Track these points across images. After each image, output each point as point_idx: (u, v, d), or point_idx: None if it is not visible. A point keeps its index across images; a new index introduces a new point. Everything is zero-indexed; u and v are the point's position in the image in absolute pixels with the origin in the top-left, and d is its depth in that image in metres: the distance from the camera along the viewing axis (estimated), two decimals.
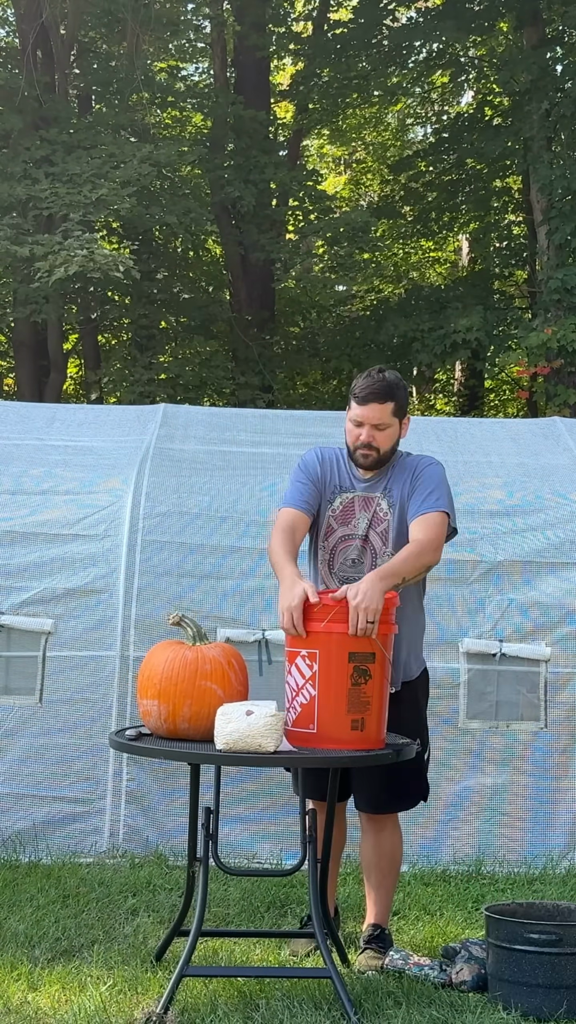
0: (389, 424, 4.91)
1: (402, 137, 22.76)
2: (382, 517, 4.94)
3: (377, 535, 4.94)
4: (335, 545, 4.99)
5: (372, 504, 4.96)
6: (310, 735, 4.51)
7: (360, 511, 4.97)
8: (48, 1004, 4.46)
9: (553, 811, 6.81)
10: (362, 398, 4.88)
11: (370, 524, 4.95)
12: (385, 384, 4.89)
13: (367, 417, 4.88)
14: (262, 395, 16.67)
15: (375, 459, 4.93)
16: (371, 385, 4.88)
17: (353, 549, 4.96)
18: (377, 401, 4.87)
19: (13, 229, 13.83)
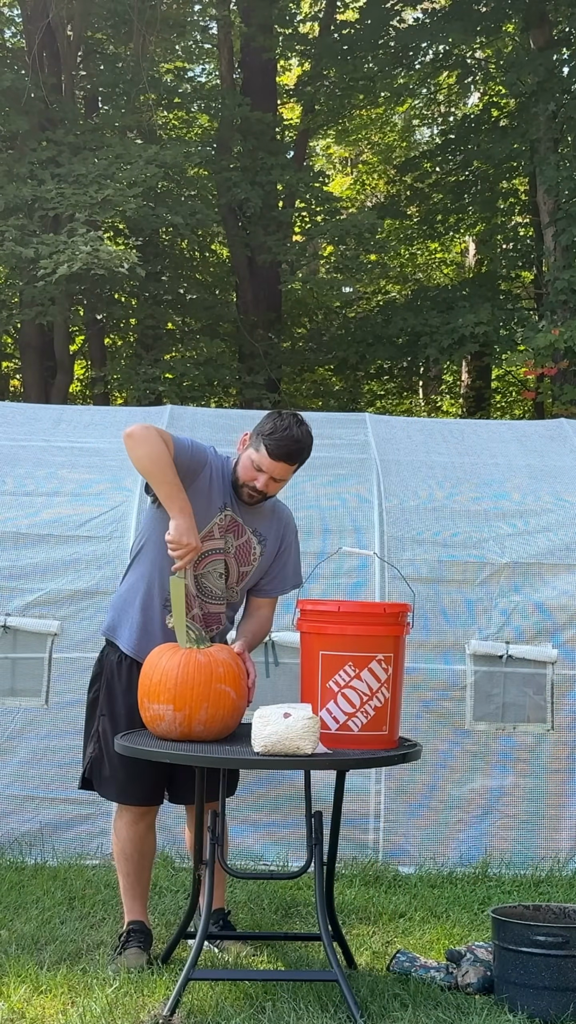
0: (287, 481, 5.01)
1: (408, 138, 22.74)
2: (250, 559, 5.04)
3: (238, 572, 5.04)
4: (206, 554, 4.96)
5: (242, 534, 5.02)
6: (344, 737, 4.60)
7: (228, 532, 4.99)
8: (54, 1006, 4.46)
9: (560, 813, 6.81)
10: (278, 455, 4.89)
11: (236, 552, 5.01)
12: (300, 447, 4.95)
13: (271, 470, 4.91)
14: (269, 395, 16.66)
15: (259, 501, 5.00)
16: (289, 445, 4.90)
17: (220, 563, 5.01)
18: (288, 463, 4.93)
19: (19, 230, 13.82)
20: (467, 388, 20.99)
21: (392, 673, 4.67)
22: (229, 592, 5.06)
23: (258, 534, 5.04)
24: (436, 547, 7.12)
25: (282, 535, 5.10)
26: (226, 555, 5.00)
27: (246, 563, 5.03)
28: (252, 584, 5.11)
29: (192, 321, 18.48)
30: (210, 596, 5.03)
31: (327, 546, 6.97)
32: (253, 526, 5.03)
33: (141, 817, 5.09)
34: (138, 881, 5.13)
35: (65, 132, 15.27)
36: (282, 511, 5.15)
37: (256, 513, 5.05)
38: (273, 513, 5.10)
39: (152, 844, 5.17)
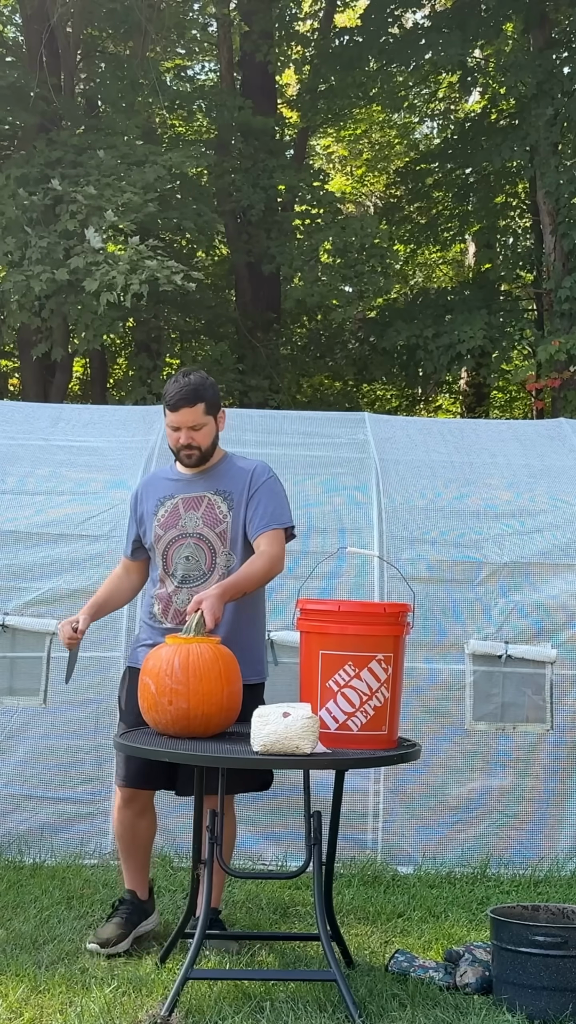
0: (204, 423, 5.16)
1: (408, 136, 22.72)
2: (220, 518, 5.17)
3: (216, 535, 5.15)
4: (166, 548, 5.19)
5: (201, 503, 5.19)
6: (343, 736, 4.61)
7: (187, 511, 5.19)
8: (52, 1006, 4.46)
9: (559, 813, 6.80)
10: (173, 404, 5.13)
11: (203, 522, 5.16)
12: (192, 387, 5.12)
13: (182, 421, 5.13)
14: (273, 396, 16.65)
15: (199, 456, 5.19)
16: (179, 391, 5.12)
17: (186, 547, 5.16)
18: (187, 405, 5.11)
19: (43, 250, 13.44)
20: (466, 387, 20.99)
21: (392, 673, 4.67)
22: (221, 558, 5.13)
23: (221, 492, 5.19)
24: (435, 547, 7.12)
25: (246, 486, 5.19)
26: (191, 537, 5.15)
27: (218, 523, 5.15)
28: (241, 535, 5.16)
29: (192, 321, 18.46)
30: (191, 581, 5.14)
31: (327, 545, 6.97)
32: (215, 487, 5.20)
33: (127, 803, 5.27)
34: (131, 858, 5.37)
35: (69, 133, 15.23)
36: (250, 464, 5.28)
37: (216, 475, 5.22)
38: (239, 469, 5.25)
39: (145, 830, 5.35)
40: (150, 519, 5.25)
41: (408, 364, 17.30)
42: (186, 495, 5.21)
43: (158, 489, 5.30)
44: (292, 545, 7.04)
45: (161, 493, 5.27)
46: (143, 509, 5.31)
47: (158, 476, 5.40)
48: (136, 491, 5.41)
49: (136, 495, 5.38)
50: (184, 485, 5.24)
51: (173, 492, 5.24)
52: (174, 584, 5.16)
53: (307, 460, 7.69)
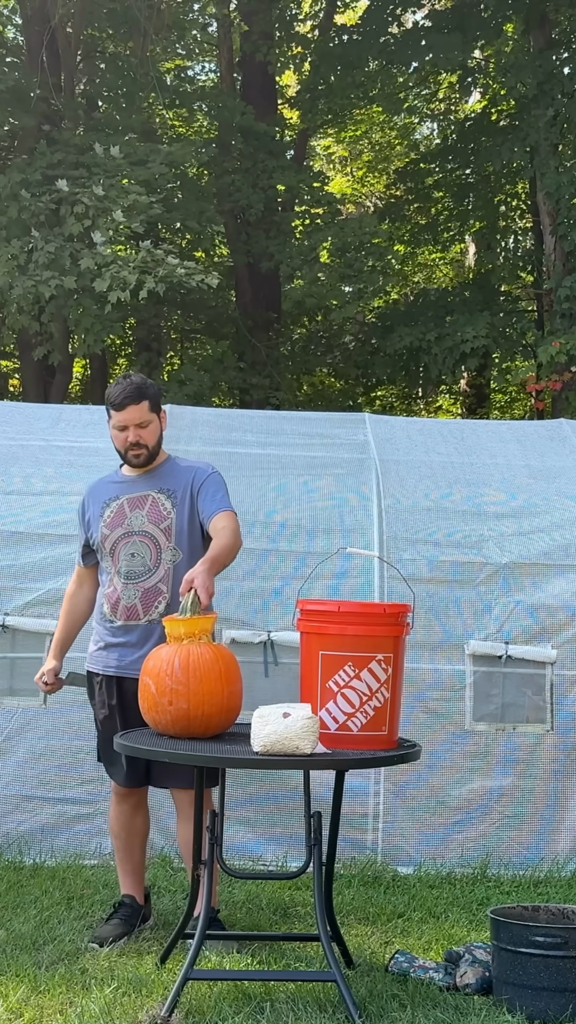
0: (149, 420, 5.34)
1: (408, 137, 22.72)
2: (164, 515, 5.31)
3: (161, 531, 5.30)
4: (113, 546, 5.34)
5: (145, 502, 5.34)
6: (343, 737, 4.61)
7: (132, 511, 5.34)
8: (52, 1006, 4.46)
9: (559, 814, 6.80)
10: (119, 404, 5.30)
11: (148, 519, 5.31)
12: (135, 387, 5.31)
13: (129, 419, 5.31)
14: (273, 394, 16.65)
15: (146, 455, 5.37)
16: (124, 390, 5.30)
17: (132, 544, 5.31)
18: (133, 403, 5.29)
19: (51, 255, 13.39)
20: (467, 387, 20.99)
21: (392, 673, 4.67)
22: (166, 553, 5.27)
23: (164, 490, 5.34)
24: (435, 547, 7.12)
25: (190, 482, 5.33)
26: (136, 535, 5.29)
27: (163, 519, 5.29)
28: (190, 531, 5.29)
29: (192, 320, 18.47)
30: (137, 576, 5.28)
31: (327, 546, 6.97)
32: (158, 486, 5.36)
33: (123, 798, 5.43)
34: (127, 857, 5.48)
35: (70, 133, 15.21)
36: (195, 465, 5.46)
37: (159, 475, 5.39)
38: (183, 469, 5.42)
39: (140, 825, 5.50)
40: (96, 522, 5.39)
41: (410, 367, 17.29)
42: (130, 495, 5.37)
43: (103, 493, 5.46)
44: (292, 546, 7.08)
45: (106, 496, 5.43)
46: (90, 514, 5.45)
47: (103, 481, 5.54)
48: (83, 499, 5.55)
49: (83, 503, 5.53)
50: (128, 486, 5.41)
51: (118, 494, 5.40)
52: (121, 581, 5.30)
53: (307, 461, 7.70)
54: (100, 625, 5.43)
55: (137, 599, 5.28)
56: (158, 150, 14.70)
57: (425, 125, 22.46)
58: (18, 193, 13.68)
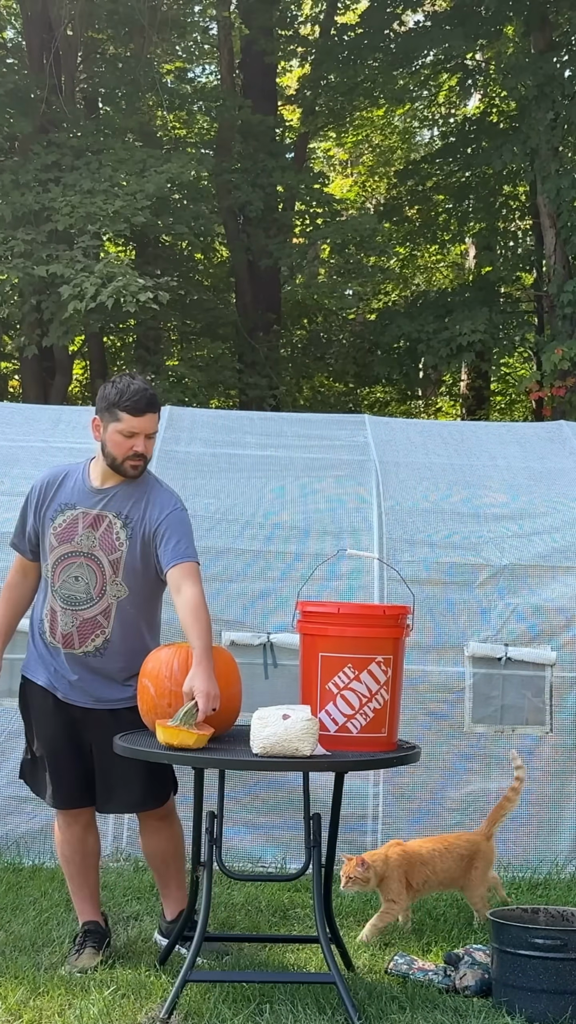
0: (155, 432, 4.93)
1: (408, 140, 22.74)
2: (116, 546, 4.88)
3: (109, 562, 4.89)
4: (57, 562, 4.93)
5: (101, 523, 4.90)
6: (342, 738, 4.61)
7: (84, 528, 4.91)
8: (51, 1008, 4.45)
9: (558, 816, 6.80)
10: (138, 409, 4.84)
11: (99, 544, 4.89)
12: (151, 394, 4.89)
13: (143, 427, 4.86)
14: (272, 392, 16.67)
15: (142, 468, 4.93)
16: (142, 396, 4.85)
17: (77, 567, 4.91)
18: (152, 411, 4.88)
19: (27, 244, 13.61)
20: (466, 389, 21.00)
21: (391, 675, 4.66)
22: (111, 588, 4.90)
23: (122, 516, 4.89)
24: (435, 549, 7.11)
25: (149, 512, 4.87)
26: (84, 556, 4.89)
27: (113, 550, 4.87)
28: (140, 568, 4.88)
29: (192, 322, 18.47)
30: (76, 603, 4.91)
31: (327, 548, 6.96)
32: (118, 509, 4.90)
33: (73, 819, 5.09)
34: (84, 882, 5.15)
35: (68, 135, 15.24)
36: (159, 496, 4.93)
37: (124, 496, 4.91)
38: (148, 498, 4.92)
39: (93, 845, 5.18)
40: (48, 524, 4.96)
41: (408, 363, 17.29)
42: (87, 509, 4.93)
43: (62, 493, 4.98)
44: (291, 547, 7.07)
45: (64, 499, 4.97)
46: (45, 511, 4.98)
47: (68, 476, 5.02)
48: (40, 484, 5.03)
49: (40, 489, 5.02)
50: (88, 497, 4.95)
51: (76, 502, 4.95)
52: (59, 604, 4.93)
53: (307, 462, 7.69)
54: (38, 633, 5.06)
55: (74, 628, 4.91)
56: (157, 155, 14.74)
57: (426, 130, 22.48)
58: (9, 192, 13.82)
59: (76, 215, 13.65)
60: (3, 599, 5.11)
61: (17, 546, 5.09)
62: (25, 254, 13.52)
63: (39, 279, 13.39)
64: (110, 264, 13.26)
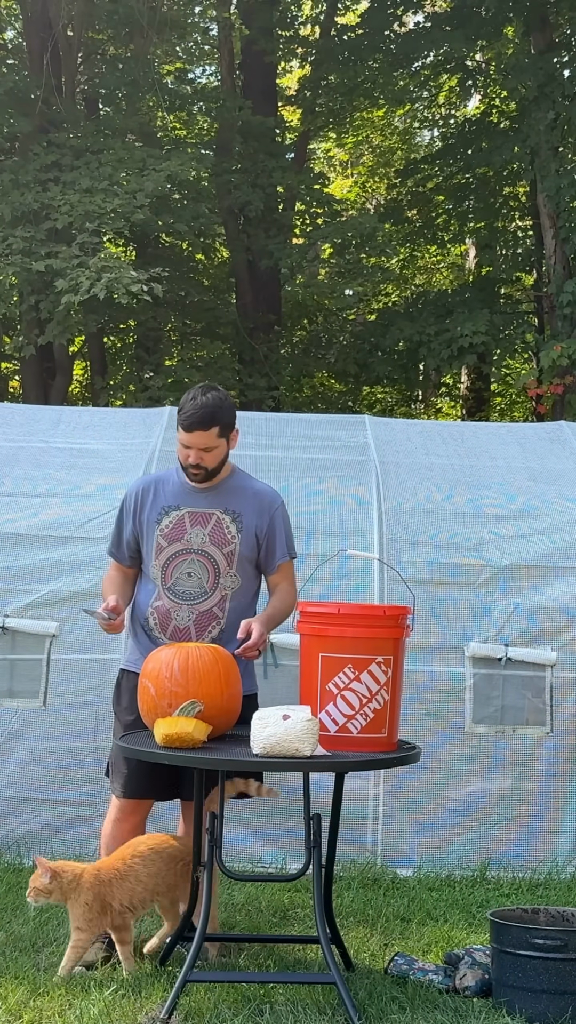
0: (215, 446, 5.04)
1: (409, 141, 22.75)
2: (228, 539, 5.09)
3: (223, 555, 5.08)
4: (168, 561, 5.10)
5: (209, 520, 5.10)
6: (343, 739, 4.60)
7: (192, 526, 5.09)
8: (52, 1008, 4.45)
9: (558, 816, 6.80)
10: (187, 426, 5.00)
11: (210, 539, 5.08)
12: (207, 410, 4.99)
13: (193, 443, 5.02)
14: (271, 392, 16.67)
15: (204, 476, 5.09)
16: (195, 412, 4.99)
17: (189, 563, 5.08)
18: (201, 428, 4.99)
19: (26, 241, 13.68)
20: (467, 390, 21.00)
21: (391, 675, 4.66)
22: (225, 579, 5.07)
23: (230, 512, 5.09)
24: (435, 549, 7.12)
25: (258, 509, 5.12)
26: (195, 553, 5.06)
27: (226, 543, 5.07)
28: (250, 559, 5.12)
29: (192, 323, 18.48)
30: (192, 597, 5.07)
31: (327, 548, 6.97)
32: (224, 505, 5.11)
33: (126, 816, 5.16)
34: None
35: (68, 135, 15.25)
36: (263, 492, 5.19)
37: (225, 492, 5.13)
38: (251, 493, 5.16)
39: None
40: (152, 527, 5.12)
41: (408, 366, 17.30)
42: (193, 509, 5.11)
43: (162, 496, 5.15)
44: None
45: (166, 501, 5.13)
46: (145, 516, 5.14)
47: (162, 481, 5.22)
48: (134, 492, 5.21)
49: (135, 497, 5.19)
50: (191, 497, 5.12)
51: (179, 503, 5.12)
52: (172, 599, 5.07)
53: (307, 463, 7.70)
54: (143, 633, 5.17)
55: (191, 621, 5.05)
56: (157, 155, 14.75)
57: (426, 131, 22.49)
58: (9, 191, 13.86)
59: (75, 213, 13.70)
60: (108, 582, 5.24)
61: (115, 555, 5.27)
62: (24, 252, 13.57)
63: (36, 274, 13.44)
64: (104, 259, 13.30)
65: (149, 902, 4.93)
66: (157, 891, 4.91)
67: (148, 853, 4.92)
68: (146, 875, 4.87)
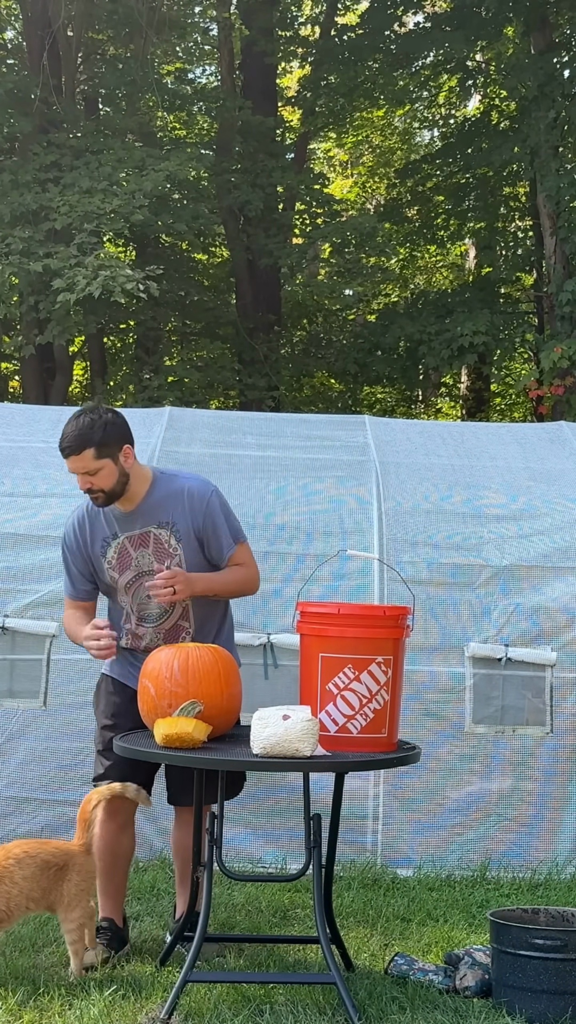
0: (98, 467, 4.93)
1: (409, 141, 22.75)
2: (171, 552, 5.03)
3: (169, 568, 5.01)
4: (125, 589, 5.09)
5: (148, 540, 5.05)
6: (343, 739, 4.60)
7: (136, 550, 5.06)
8: (52, 1008, 4.45)
9: (558, 816, 6.80)
10: (61, 453, 4.97)
11: (155, 558, 5.03)
12: (76, 436, 4.91)
13: (72, 468, 4.97)
14: (270, 392, 16.67)
15: (104, 498, 5.00)
16: (64, 439, 4.94)
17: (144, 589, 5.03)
18: (73, 454, 4.92)
19: (25, 242, 13.71)
20: (467, 390, 21.01)
21: (391, 676, 4.66)
22: None
23: (163, 524, 5.04)
24: (435, 549, 7.12)
25: (189, 508, 5.04)
26: (146, 575, 5.02)
27: (170, 557, 5.03)
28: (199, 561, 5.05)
29: (192, 323, 18.48)
30: (155, 619, 5.09)
31: (327, 548, 6.97)
32: (156, 520, 5.04)
33: (111, 816, 5.14)
34: (110, 880, 5.21)
35: (67, 135, 15.25)
36: (192, 489, 5.09)
37: (153, 507, 5.05)
38: (179, 495, 5.06)
39: (127, 846, 5.26)
40: (99, 561, 5.10)
41: (408, 366, 17.31)
42: (130, 533, 5.06)
43: (100, 527, 5.10)
44: (292, 548, 7.07)
45: (104, 532, 5.10)
46: (92, 551, 5.12)
47: (95, 512, 5.14)
48: (72, 530, 5.16)
49: (75, 534, 5.15)
50: (124, 522, 5.07)
51: (116, 531, 5.08)
52: (140, 624, 5.12)
53: (307, 463, 7.69)
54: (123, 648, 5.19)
55: (160, 639, 5.08)
56: (156, 154, 14.75)
57: (425, 131, 22.49)
58: (8, 192, 13.87)
59: (74, 214, 13.70)
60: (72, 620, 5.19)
61: (73, 595, 5.23)
62: (23, 252, 13.58)
63: (34, 274, 13.45)
64: (101, 258, 13.32)
65: (24, 908, 4.73)
66: (32, 896, 4.73)
67: (23, 856, 4.76)
68: (20, 878, 4.71)
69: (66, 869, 4.80)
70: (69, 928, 4.79)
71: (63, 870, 4.79)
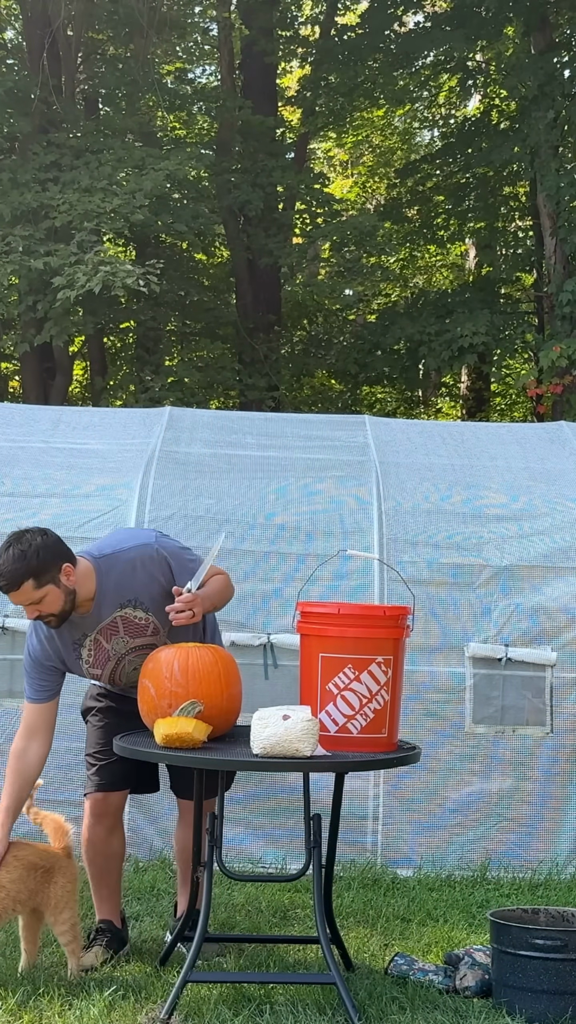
0: (41, 596, 4.70)
1: (409, 141, 22.75)
2: (144, 624, 4.89)
3: (148, 636, 4.90)
4: (112, 676, 4.99)
5: (118, 625, 4.88)
6: (343, 739, 4.60)
7: (109, 641, 4.91)
8: (52, 1008, 4.45)
9: (558, 816, 6.80)
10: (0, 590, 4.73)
11: (131, 637, 4.89)
12: (10, 572, 4.63)
13: (17, 603, 4.76)
14: (271, 393, 16.68)
15: (57, 620, 4.80)
16: None
17: (129, 663, 4.95)
18: (12, 590, 4.68)
19: (26, 240, 13.74)
20: (467, 390, 21.00)
21: (392, 676, 4.66)
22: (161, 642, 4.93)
23: (131, 602, 4.87)
24: (435, 549, 7.12)
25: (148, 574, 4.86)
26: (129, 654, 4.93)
27: (144, 629, 4.91)
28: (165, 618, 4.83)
29: (192, 323, 18.48)
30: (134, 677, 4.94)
31: (327, 548, 6.97)
32: (117, 604, 4.86)
33: (98, 819, 5.12)
34: (104, 883, 5.20)
35: (67, 135, 15.26)
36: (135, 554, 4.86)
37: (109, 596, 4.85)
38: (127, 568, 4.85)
39: (117, 847, 5.22)
40: (76, 665, 4.97)
41: (409, 366, 17.32)
42: (99, 627, 4.89)
43: (65, 633, 4.90)
44: (292, 548, 7.08)
45: (74, 636, 4.91)
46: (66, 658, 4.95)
47: None
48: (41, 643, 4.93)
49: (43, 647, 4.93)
50: (88, 621, 4.88)
51: (85, 630, 4.89)
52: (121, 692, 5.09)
53: (307, 463, 7.70)
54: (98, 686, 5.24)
55: None
56: (156, 154, 14.76)
57: (426, 131, 22.49)
58: (8, 192, 13.89)
59: (74, 213, 13.71)
60: (11, 770, 4.91)
61: (36, 699, 4.98)
62: (24, 251, 13.60)
63: (35, 272, 13.46)
64: (100, 255, 13.33)
65: (11, 910, 4.70)
66: (19, 899, 4.69)
67: (8, 859, 4.72)
68: (8, 880, 4.68)
69: (52, 872, 4.78)
70: (62, 930, 4.78)
71: (49, 872, 4.77)
